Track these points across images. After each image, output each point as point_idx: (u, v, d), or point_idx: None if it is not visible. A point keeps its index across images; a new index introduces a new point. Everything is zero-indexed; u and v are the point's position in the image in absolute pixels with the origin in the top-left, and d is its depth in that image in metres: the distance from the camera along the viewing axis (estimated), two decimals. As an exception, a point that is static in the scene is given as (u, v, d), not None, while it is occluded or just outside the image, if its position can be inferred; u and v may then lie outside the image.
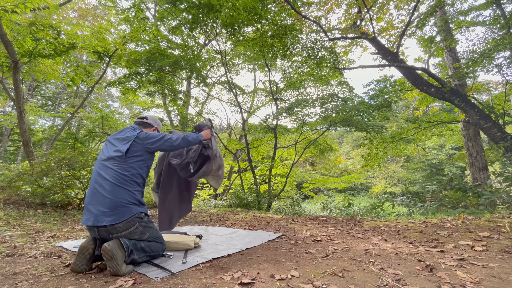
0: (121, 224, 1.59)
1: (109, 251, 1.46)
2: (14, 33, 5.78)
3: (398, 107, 21.78)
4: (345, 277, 1.45)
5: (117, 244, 1.53)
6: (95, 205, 1.59)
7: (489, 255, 1.78)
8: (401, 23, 7.08)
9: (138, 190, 1.75)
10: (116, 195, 1.61)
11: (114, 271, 1.47)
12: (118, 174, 1.67)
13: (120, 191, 1.63)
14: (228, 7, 5.15)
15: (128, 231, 1.63)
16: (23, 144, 5.41)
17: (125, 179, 1.68)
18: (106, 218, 1.56)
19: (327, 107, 6.51)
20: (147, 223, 1.74)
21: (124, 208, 1.61)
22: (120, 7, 8.65)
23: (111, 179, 1.64)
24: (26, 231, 2.75)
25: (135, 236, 1.67)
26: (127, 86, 6.89)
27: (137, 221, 1.66)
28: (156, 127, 2.14)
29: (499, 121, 5.16)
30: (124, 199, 1.62)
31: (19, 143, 14.93)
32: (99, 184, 1.64)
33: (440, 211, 4.21)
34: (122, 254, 1.53)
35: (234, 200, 6.40)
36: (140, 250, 1.66)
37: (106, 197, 1.59)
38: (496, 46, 4.56)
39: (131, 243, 1.61)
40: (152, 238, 1.76)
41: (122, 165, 1.71)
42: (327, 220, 3.64)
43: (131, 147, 1.77)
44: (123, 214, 1.60)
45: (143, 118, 2.09)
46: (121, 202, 1.61)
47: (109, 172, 1.67)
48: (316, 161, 25.54)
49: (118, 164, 1.71)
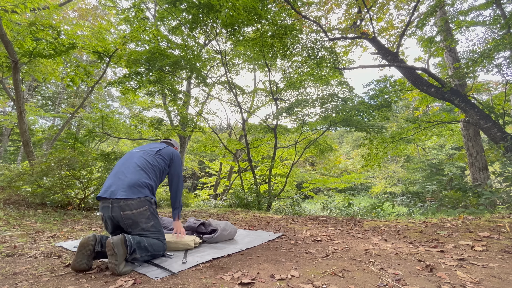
0: (133, 202, 1.70)
1: (112, 246, 1.48)
2: (14, 33, 5.78)
3: (398, 107, 21.79)
4: (345, 277, 1.45)
5: (121, 240, 1.54)
6: (116, 180, 1.78)
7: (489, 255, 1.78)
8: (401, 23, 7.09)
9: (154, 180, 1.93)
10: (136, 175, 1.81)
11: (112, 267, 1.48)
12: (144, 160, 1.94)
13: (141, 173, 1.84)
14: (228, 7, 5.15)
15: (138, 210, 1.72)
16: (23, 144, 5.41)
17: (149, 166, 1.93)
18: (122, 192, 1.70)
19: (327, 107, 6.51)
20: (155, 211, 1.86)
21: (140, 188, 1.77)
22: (120, 7, 8.65)
23: (137, 162, 1.91)
24: (26, 231, 2.75)
25: (141, 219, 1.73)
26: (127, 86, 6.89)
27: (147, 204, 1.78)
28: (177, 147, 2.53)
29: (499, 121, 5.16)
30: (142, 181, 1.80)
31: (19, 143, 14.93)
32: (125, 165, 1.88)
33: (440, 211, 4.21)
34: (124, 251, 1.54)
35: (234, 200, 6.40)
36: (143, 249, 1.67)
37: (126, 176, 1.79)
38: (496, 46, 4.55)
39: (135, 242, 1.62)
40: (155, 230, 1.81)
41: (150, 156, 2.01)
42: (327, 220, 3.64)
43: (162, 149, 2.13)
44: (138, 192, 1.75)
45: (168, 139, 2.50)
46: (139, 182, 1.78)
47: (137, 158, 1.95)
48: (316, 161, 25.55)
49: (147, 155, 2.01)
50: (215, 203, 8.06)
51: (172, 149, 2.23)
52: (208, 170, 16.25)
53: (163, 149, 2.13)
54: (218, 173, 14.58)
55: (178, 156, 2.22)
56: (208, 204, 8.25)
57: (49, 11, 6.65)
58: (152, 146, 2.15)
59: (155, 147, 2.15)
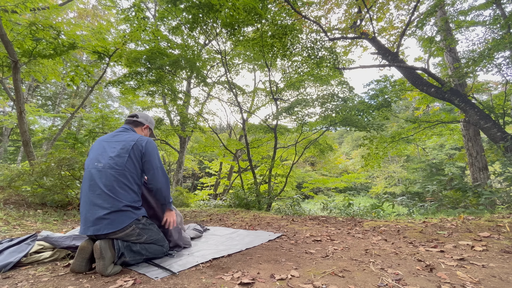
0: (120, 233, 1.59)
1: (99, 249, 1.48)
2: (14, 33, 5.77)
3: (398, 107, 21.79)
4: (345, 277, 1.45)
5: (108, 244, 1.53)
6: (92, 213, 1.54)
7: (489, 255, 1.78)
8: (401, 23, 7.08)
9: (136, 193, 1.69)
10: (113, 202, 1.55)
11: (100, 270, 1.48)
12: (116, 180, 1.59)
13: (117, 197, 1.57)
14: (228, 7, 5.15)
15: (125, 233, 1.60)
16: (23, 144, 5.41)
17: (122, 185, 1.60)
18: (105, 226, 1.53)
19: (327, 107, 6.51)
20: (145, 225, 1.70)
21: (122, 214, 1.57)
22: (120, 7, 8.65)
23: (107, 185, 1.57)
24: (26, 231, 2.75)
25: (131, 238, 1.64)
26: (127, 85, 6.89)
27: (134, 223, 1.62)
28: (148, 125, 2.02)
29: (499, 121, 5.16)
30: (121, 205, 1.57)
31: (19, 143, 14.93)
32: (94, 191, 1.57)
33: (440, 211, 4.21)
34: (112, 254, 1.53)
35: (234, 200, 6.40)
36: (134, 252, 1.64)
37: (103, 206, 1.54)
38: (496, 45, 4.55)
39: (123, 245, 1.59)
40: (150, 240, 1.73)
41: (119, 171, 1.62)
42: (327, 220, 3.64)
43: (130, 154, 1.67)
44: (121, 221, 1.56)
45: (133, 116, 1.97)
46: (119, 208, 1.56)
47: (104, 179, 1.58)
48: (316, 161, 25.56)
49: (116, 170, 1.61)
50: (215, 203, 8.05)
51: (133, 137, 1.74)
52: (208, 170, 16.26)
53: (122, 148, 1.68)
54: (218, 173, 14.59)
55: (147, 142, 1.76)
56: (208, 204, 8.24)
57: (49, 11, 6.64)
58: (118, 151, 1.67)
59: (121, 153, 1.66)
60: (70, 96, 17.49)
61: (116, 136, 1.80)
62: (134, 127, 1.95)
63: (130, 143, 1.71)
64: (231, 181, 11.98)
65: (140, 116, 1.98)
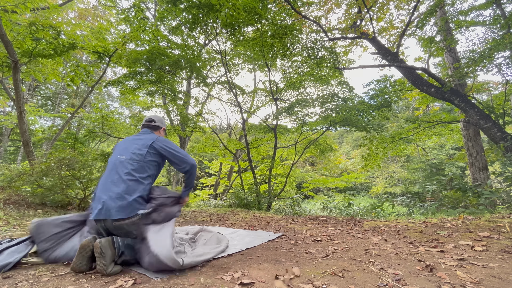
0: (127, 220, 1.66)
1: (100, 248, 1.49)
2: (14, 33, 5.77)
3: (398, 107, 21.80)
4: (345, 277, 1.45)
5: (108, 242, 1.54)
6: (106, 194, 1.68)
7: (489, 255, 1.78)
8: (401, 23, 7.08)
9: (149, 185, 1.83)
10: (127, 189, 1.70)
11: (100, 268, 1.49)
12: (134, 170, 1.77)
13: (131, 185, 1.72)
14: (228, 7, 5.15)
15: (131, 220, 1.67)
16: (23, 144, 5.41)
17: (138, 177, 1.77)
18: (115, 212, 1.64)
19: (327, 107, 6.51)
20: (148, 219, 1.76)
21: (132, 202, 1.69)
22: (120, 7, 8.65)
23: (125, 173, 1.75)
24: (26, 231, 2.75)
25: (132, 230, 1.69)
26: (127, 85, 6.89)
27: (141, 214, 1.72)
28: (164, 128, 2.26)
29: (499, 121, 5.16)
30: (134, 193, 1.71)
31: (19, 143, 14.93)
32: (112, 178, 1.74)
33: (440, 211, 4.21)
34: (112, 253, 1.54)
35: (234, 200, 6.40)
36: (135, 251, 1.66)
37: (116, 191, 1.68)
38: (496, 45, 4.55)
39: (123, 244, 1.61)
40: None
41: (139, 163, 1.81)
42: (327, 220, 3.64)
43: (149, 149, 1.88)
44: (131, 209, 1.67)
45: (151, 121, 2.16)
46: (131, 196, 1.69)
47: (124, 168, 1.77)
48: (316, 161, 25.57)
49: (136, 161, 1.81)
50: (215, 203, 8.06)
51: (153, 137, 1.97)
52: (208, 170, 16.27)
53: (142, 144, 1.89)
54: (218, 173, 14.59)
55: (163, 142, 1.96)
56: (208, 204, 8.25)
57: (49, 11, 6.64)
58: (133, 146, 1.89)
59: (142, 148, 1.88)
60: (70, 96, 17.48)
61: (139, 136, 2.05)
62: (153, 130, 2.17)
63: (150, 141, 1.93)
64: (231, 181, 11.98)
65: (156, 120, 2.21)
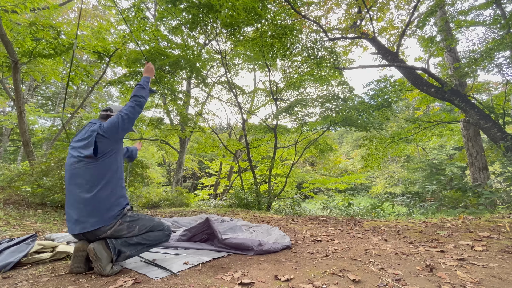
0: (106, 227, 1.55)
1: (93, 251, 1.46)
2: (14, 33, 5.77)
3: (398, 107, 21.77)
4: (345, 277, 1.45)
5: (102, 245, 1.51)
6: (77, 212, 1.52)
7: (489, 255, 1.78)
8: (401, 23, 7.08)
9: (116, 186, 1.63)
10: (95, 199, 1.52)
11: (98, 271, 1.47)
12: (93, 177, 1.55)
13: (98, 194, 1.53)
14: (228, 7, 5.15)
15: (113, 229, 1.55)
16: (23, 144, 5.41)
17: (100, 181, 1.56)
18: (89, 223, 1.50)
19: (327, 107, 6.51)
20: (132, 217, 1.65)
21: (105, 210, 1.54)
22: (120, 7, 8.64)
23: (86, 184, 1.53)
24: (26, 231, 2.75)
25: (123, 233, 1.59)
26: (127, 85, 6.89)
27: (119, 218, 1.58)
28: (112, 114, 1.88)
29: (499, 121, 5.15)
30: (103, 201, 1.54)
31: (19, 143, 14.93)
32: (73, 192, 1.55)
33: (440, 211, 4.21)
34: (108, 254, 1.51)
35: (234, 200, 6.40)
36: (134, 245, 1.62)
37: (85, 204, 1.51)
38: (496, 45, 4.55)
39: (118, 243, 1.57)
40: (145, 229, 1.67)
41: (95, 166, 1.57)
42: (327, 220, 3.64)
43: (98, 145, 1.58)
44: (106, 217, 1.53)
45: (107, 110, 1.84)
46: (101, 205, 1.53)
47: (82, 178, 1.55)
48: (316, 161, 25.54)
49: (91, 166, 1.56)
50: (215, 203, 8.06)
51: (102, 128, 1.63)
52: (208, 170, 16.26)
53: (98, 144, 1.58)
54: (218, 173, 14.58)
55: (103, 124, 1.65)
56: (208, 204, 8.25)
57: (49, 11, 6.64)
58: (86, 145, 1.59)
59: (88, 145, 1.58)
60: (70, 96, 17.48)
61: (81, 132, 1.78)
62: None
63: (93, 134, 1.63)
64: (231, 181, 11.98)
65: (114, 109, 1.88)
